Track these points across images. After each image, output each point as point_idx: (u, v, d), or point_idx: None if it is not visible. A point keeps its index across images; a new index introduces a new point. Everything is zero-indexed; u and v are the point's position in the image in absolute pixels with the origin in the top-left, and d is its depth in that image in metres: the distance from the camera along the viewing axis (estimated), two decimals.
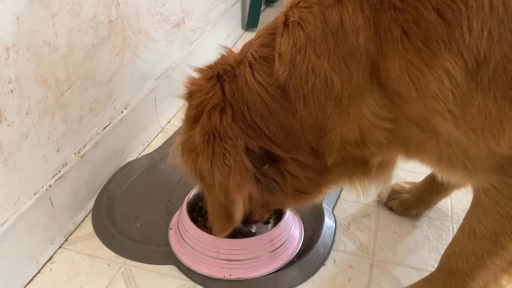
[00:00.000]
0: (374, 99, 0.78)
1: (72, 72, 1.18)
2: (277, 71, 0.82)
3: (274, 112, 0.85)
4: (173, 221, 1.26)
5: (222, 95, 0.88)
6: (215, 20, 2.01)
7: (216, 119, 0.87)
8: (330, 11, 0.77)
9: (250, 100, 0.85)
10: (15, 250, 1.09)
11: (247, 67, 0.86)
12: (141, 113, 1.54)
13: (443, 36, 0.70)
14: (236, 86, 0.87)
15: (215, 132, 0.86)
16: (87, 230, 1.28)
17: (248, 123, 0.87)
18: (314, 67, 0.78)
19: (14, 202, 1.07)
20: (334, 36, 0.77)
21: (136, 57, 1.46)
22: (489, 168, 0.80)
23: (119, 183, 1.40)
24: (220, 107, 0.87)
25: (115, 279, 1.15)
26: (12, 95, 1.00)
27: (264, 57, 0.85)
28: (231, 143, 0.86)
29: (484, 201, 0.86)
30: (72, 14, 1.14)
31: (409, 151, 0.86)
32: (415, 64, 0.72)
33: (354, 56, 0.76)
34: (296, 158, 0.90)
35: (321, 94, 0.80)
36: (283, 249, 1.16)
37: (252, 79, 0.85)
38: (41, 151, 1.12)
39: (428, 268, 1.17)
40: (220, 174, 0.87)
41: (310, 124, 0.84)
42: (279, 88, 0.83)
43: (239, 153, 0.87)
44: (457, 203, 1.35)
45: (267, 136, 0.88)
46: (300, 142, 0.88)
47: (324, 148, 0.87)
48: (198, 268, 1.14)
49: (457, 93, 0.72)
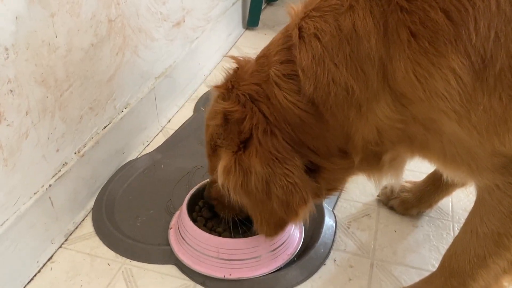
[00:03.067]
0: (386, 102, 0.80)
1: (71, 72, 1.18)
2: (303, 87, 0.84)
3: (312, 127, 0.88)
4: (173, 220, 1.26)
5: (264, 119, 0.90)
6: (216, 19, 2.01)
7: (268, 143, 0.90)
8: (343, 18, 0.78)
9: (291, 120, 0.88)
10: (15, 249, 1.09)
11: (275, 87, 0.88)
12: (141, 112, 1.54)
13: (450, 37, 0.70)
14: (274, 108, 0.89)
15: (272, 156, 0.90)
16: (87, 229, 1.28)
17: (295, 141, 0.91)
18: (334, 77, 0.80)
19: (14, 202, 1.07)
20: (349, 43, 0.78)
21: (136, 56, 1.46)
22: (493, 168, 0.80)
23: (119, 182, 1.40)
24: (269, 131, 0.90)
25: (115, 279, 1.15)
26: (11, 95, 1.00)
27: (288, 74, 0.86)
28: (292, 163, 0.91)
29: (487, 201, 0.86)
30: (72, 14, 1.13)
31: (413, 148, 0.88)
32: (422, 65, 0.73)
33: (368, 59, 0.77)
34: (332, 163, 0.94)
35: (344, 102, 0.82)
36: (283, 249, 1.16)
37: (284, 99, 0.87)
38: (41, 151, 1.12)
39: (429, 268, 1.17)
40: (282, 193, 0.92)
41: (339, 131, 0.88)
42: (309, 103, 0.85)
43: (302, 171, 0.92)
44: (458, 203, 1.34)
45: (311, 150, 0.92)
46: (333, 149, 0.91)
47: (351, 150, 0.90)
48: (198, 268, 1.14)
49: (463, 93, 0.72)
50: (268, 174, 0.91)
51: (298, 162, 0.91)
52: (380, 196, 1.35)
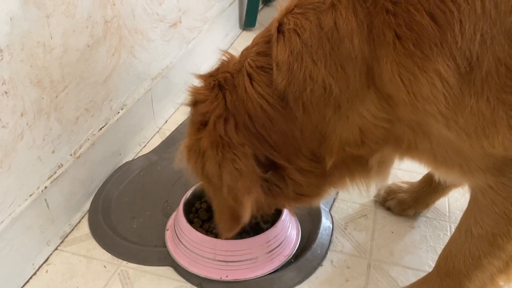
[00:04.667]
0: (372, 101, 0.79)
1: (67, 73, 1.17)
2: (275, 80, 0.83)
3: (275, 121, 0.86)
4: (169, 222, 1.26)
5: (224, 105, 0.90)
6: (213, 19, 2.01)
7: (221, 128, 0.89)
8: (324, 15, 0.77)
9: (251, 110, 0.87)
10: (10, 251, 1.09)
11: (245, 76, 0.87)
12: (138, 113, 1.54)
13: (435, 39, 0.70)
14: (237, 96, 0.88)
15: (223, 140, 0.89)
16: (83, 231, 1.27)
17: (251, 132, 0.89)
18: (312, 74, 0.79)
19: (9, 203, 1.07)
20: (329, 41, 0.77)
21: (132, 57, 1.46)
22: (485, 169, 0.80)
23: (116, 184, 1.39)
24: (223, 117, 0.89)
25: (111, 281, 1.14)
26: (6, 96, 1.00)
27: (262, 66, 0.86)
28: (241, 150, 0.89)
29: (481, 201, 0.86)
30: (67, 15, 1.13)
31: (402, 150, 0.87)
32: (407, 67, 0.72)
33: (350, 59, 0.76)
34: (298, 165, 0.91)
35: (320, 100, 0.80)
36: (280, 250, 1.15)
37: (252, 89, 0.86)
38: (36, 152, 1.12)
39: (426, 268, 1.16)
40: (229, 178, 0.89)
41: (311, 130, 0.85)
42: (279, 98, 0.84)
43: (249, 159, 0.89)
44: (455, 203, 1.35)
45: (269, 145, 0.89)
46: (301, 149, 0.89)
47: (325, 153, 0.89)
48: (195, 270, 1.13)
49: (449, 96, 0.71)
50: (219, 158, 0.90)
51: (248, 151, 0.89)
52: (377, 197, 1.35)
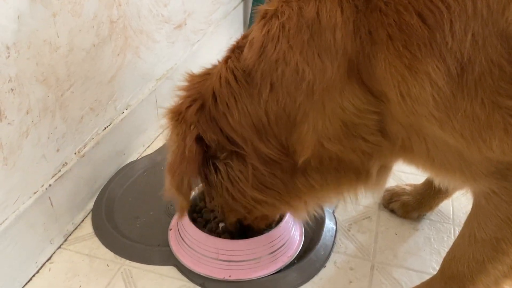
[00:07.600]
0: (355, 93, 0.77)
1: (73, 72, 1.18)
2: (245, 55, 0.83)
3: (239, 98, 0.86)
4: (173, 222, 1.26)
5: (199, 88, 0.92)
6: (217, 22, 2.01)
7: (185, 105, 0.92)
8: (307, 4, 0.77)
9: (217, 87, 0.88)
10: (14, 249, 1.09)
11: (224, 57, 0.89)
12: (142, 114, 1.54)
13: (424, 40, 0.69)
14: (210, 79, 0.90)
15: (180, 116, 0.92)
16: (86, 230, 1.27)
17: (212, 115, 0.89)
18: (286, 56, 0.79)
19: (13, 201, 1.07)
20: (309, 29, 0.77)
21: (137, 57, 1.46)
22: (488, 173, 0.79)
23: (119, 183, 1.39)
24: (192, 98, 0.92)
25: (114, 280, 1.14)
26: (12, 93, 1.00)
27: (240, 46, 0.87)
28: (188, 128, 0.91)
29: (484, 206, 0.85)
30: (73, 14, 1.14)
31: (395, 149, 0.84)
32: (397, 68, 0.71)
33: (329, 51, 0.76)
34: (261, 150, 0.88)
35: (291, 82, 0.80)
36: (283, 251, 1.15)
37: (224, 66, 0.87)
38: (41, 150, 1.12)
39: (429, 271, 1.16)
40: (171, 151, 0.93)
41: (277, 113, 0.83)
42: (245, 73, 0.84)
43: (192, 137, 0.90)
44: (459, 205, 1.34)
45: (230, 125, 0.88)
46: (266, 133, 0.86)
47: (296, 143, 0.86)
48: (198, 269, 1.13)
49: (439, 98, 0.70)
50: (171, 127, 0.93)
51: (194, 132, 0.90)
52: (381, 199, 1.34)
